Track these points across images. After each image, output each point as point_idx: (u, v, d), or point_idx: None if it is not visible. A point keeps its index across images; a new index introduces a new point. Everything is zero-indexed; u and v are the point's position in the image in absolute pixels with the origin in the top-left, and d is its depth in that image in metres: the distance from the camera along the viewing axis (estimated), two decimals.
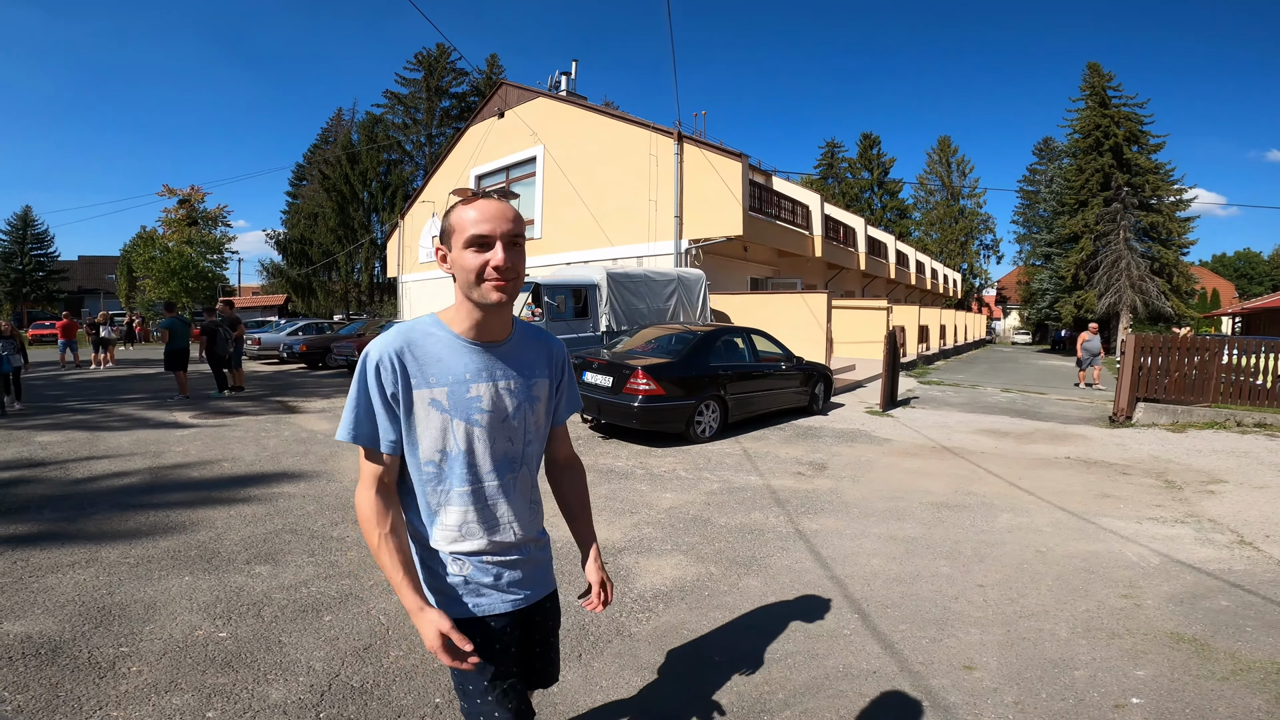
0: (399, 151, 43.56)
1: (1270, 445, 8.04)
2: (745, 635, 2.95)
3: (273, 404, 10.33)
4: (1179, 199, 32.30)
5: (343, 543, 4.03)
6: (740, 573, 3.68)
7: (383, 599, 3.20)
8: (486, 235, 1.28)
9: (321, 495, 5.11)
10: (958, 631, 3.00)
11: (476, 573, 1.39)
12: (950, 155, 57.18)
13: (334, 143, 46.98)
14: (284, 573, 3.52)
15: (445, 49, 44.33)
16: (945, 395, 12.95)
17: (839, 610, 3.22)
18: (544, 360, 1.49)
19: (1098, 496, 5.57)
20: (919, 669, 2.66)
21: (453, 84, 45.20)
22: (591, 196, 16.29)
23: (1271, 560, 4.02)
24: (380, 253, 39.84)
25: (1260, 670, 2.65)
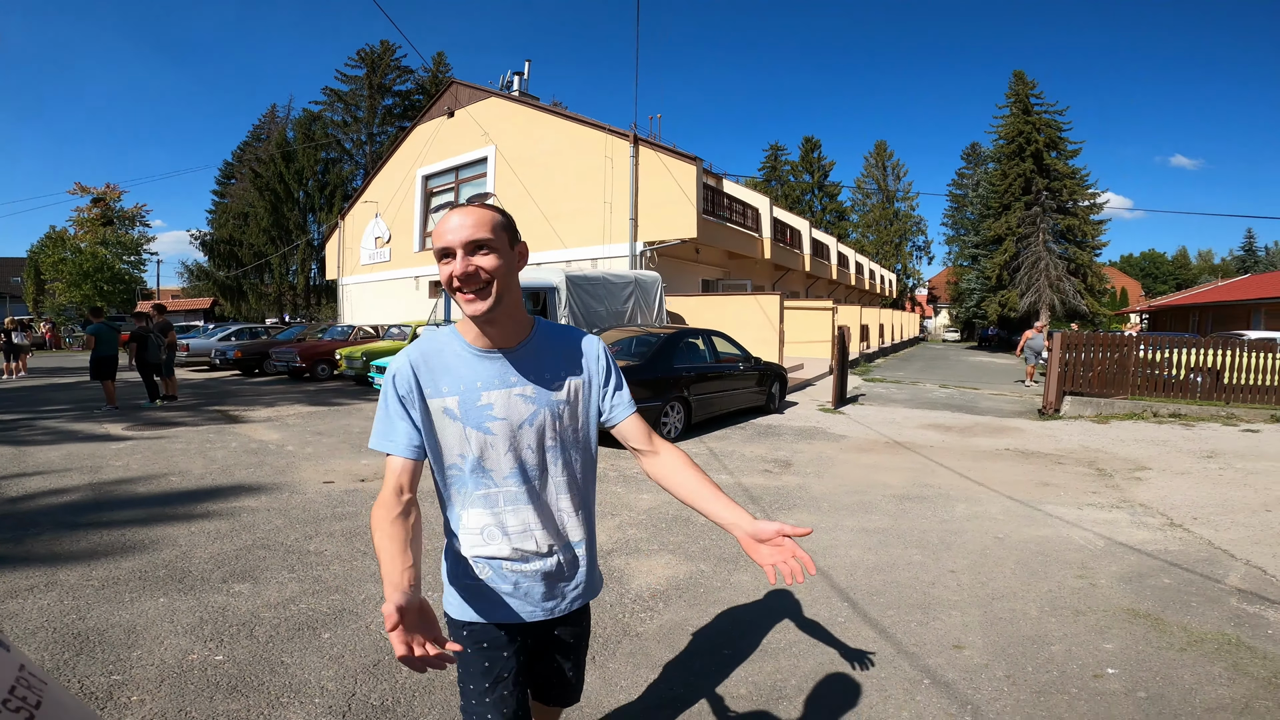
0: (338, 150, 42.05)
1: (1186, 434, 8.77)
2: (747, 628, 3.05)
3: (211, 414, 9.86)
4: (1092, 203, 34.55)
5: (322, 557, 3.93)
6: (730, 569, 3.79)
7: (379, 613, 3.15)
8: (446, 247, 1.28)
9: (287, 508, 4.94)
10: (941, 614, 3.19)
11: (495, 578, 1.39)
12: (886, 159, 59.45)
13: (267, 140, 44.90)
14: (267, 591, 3.41)
15: (389, 46, 43.07)
16: (890, 392, 13.52)
17: (829, 600, 3.36)
18: (572, 361, 1.45)
19: (1039, 485, 5.96)
20: (914, 650, 2.83)
21: (397, 81, 43.92)
22: (545, 198, 16.20)
23: (1202, 540, 4.41)
24: (318, 254, 38.39)
25: (1213, 641, 2.91)
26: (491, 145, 17.98)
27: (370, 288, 23.02)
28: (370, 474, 6.06)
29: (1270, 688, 2.48)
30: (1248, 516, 4.95)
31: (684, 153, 14.52)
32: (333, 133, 41.81)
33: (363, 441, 7.62)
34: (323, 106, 43.19)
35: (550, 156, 16.44)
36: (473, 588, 1.40)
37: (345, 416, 9.59)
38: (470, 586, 1.40)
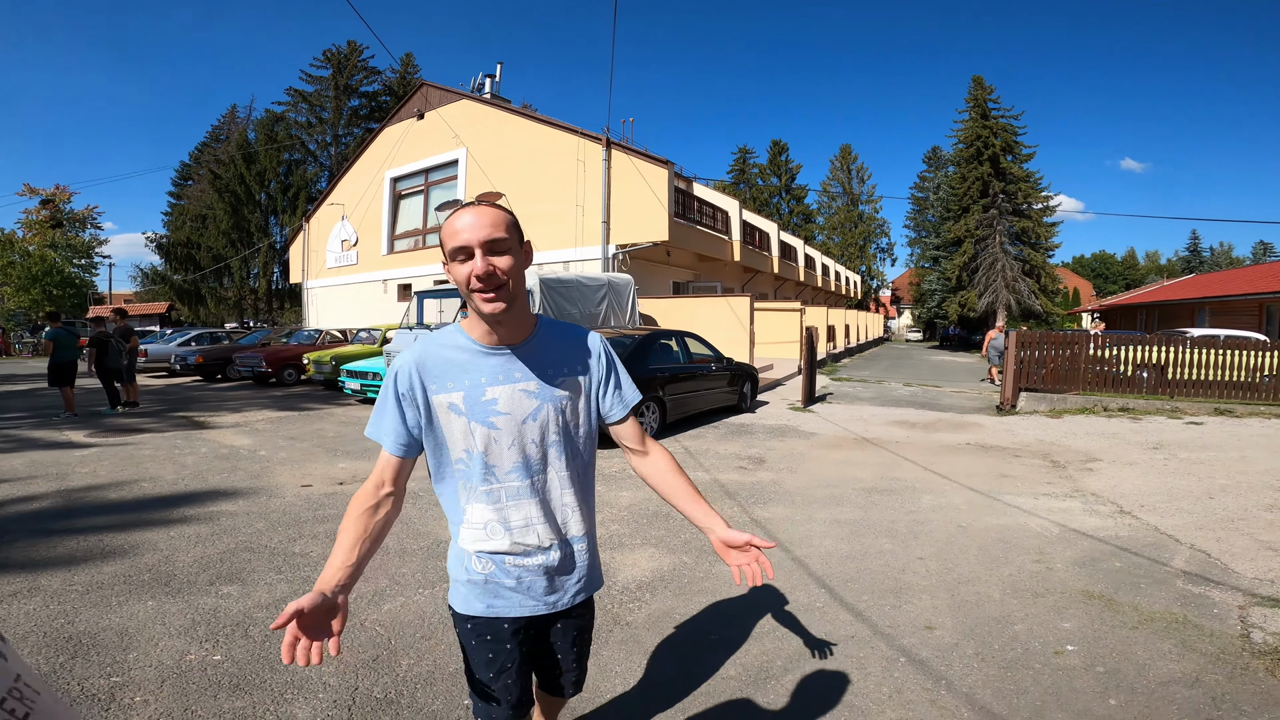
0: (302, 151, 41.30)
1: (1134, 427, 9.25)
2: (731, 615, 3.20)
3: (176, 420, 9.66)
4: (1046, 205, 35.86)
5: (308, 558, 3.96)
6: (711, 560, 3.93)
7: (372, 610, 3.21)
8: (464, 245, 1.29)
9: (268, 512, 4.94)
10: (912, 598, 3.39)
11: (498, 573, 1.41)
12: (851, 163, 60.62)
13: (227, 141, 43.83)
14: (256, 592, 3.44)
15: (356, 46, 42.51)
16: (856, 391, 13.89)
17: (807, 587, 3.53)
18: (574, 357, 1.47)
19: (998, 477, 6.26)
20: (889, 631, 3.01)
21: (364, 82, 43.41)
22: (517, 201, 16.20)
23: (1149, 527, 4.71)
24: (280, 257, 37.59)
25: (1162, 620, 3.14)
26: (463, 148, 17.90)
27: (337, 291, 22.67)
28: (348, 477, 6.06)
29: (1218, 662, 2.70)
30: (1191, 504, 5.30)
31: (656, 156, 14.69)
32: (297, 134, 41.05)
33: (339, 446, 7.59)
34: (286, 107, 42.40)
35: (522, 159, 16.45)
36: (477, 582, 1.42)
37: (317, 421, 9.50)
38: (474, 581, 1.43)
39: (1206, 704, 2.38)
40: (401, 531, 4.45)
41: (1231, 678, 2.57)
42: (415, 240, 20.11)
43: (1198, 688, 2.51)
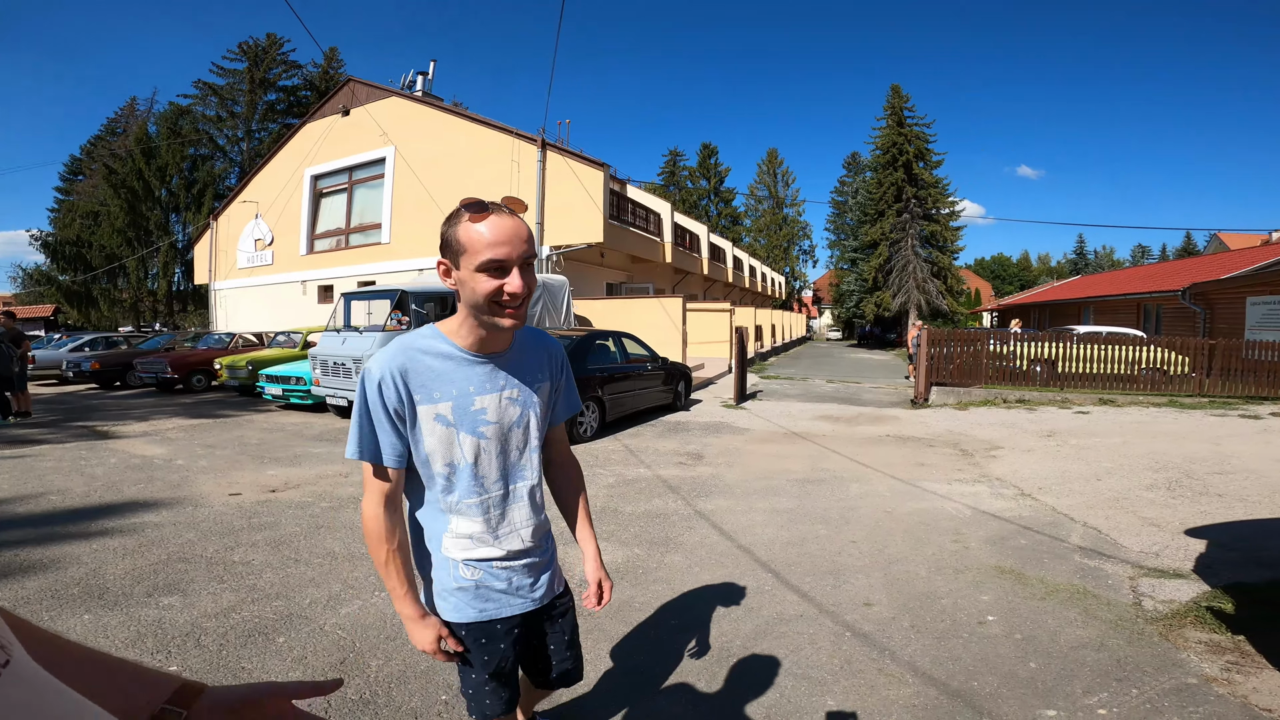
0: (210, 146, 38.86)
1: (1030, 417, 10.13)
2: (688, 602, 3.38)
3: (76, 429, 8.99)
4: (952, 210, 38.23)
5: (250, 567, 3.86)
6: (662, 552, 4.11)
7: (330, 614, 3.19)
8: (504, 260, 1.25)
9: (196, 522, 4.75)
10: (849, 578, 3.67)
11: (488, 578, 1.42)
12: (777, 166, 62.52)
13: (124, 134, 40.62)
14: (200, 602, 3.34)
15: (276, 39, 40.38)
16: (784, 388, 14.48)
17: (754, 572, 3.76)
18: (544, 363, 1.50)
19: (915, 465, 6.77)
20: (833, 609, 3.27)
21: (283, 76, 41.20)
22: (448, 201, 15.84)
23: (1047, 507, 5.23)
24: (183, 257, 35.27)
25: (1065, 591, 3.53)
26: (391, 146, 17.39)
27: (250, 293, 21.50)
28: (281, 484, 5.87)
29: (1117, 628, 3.06)
30: (1082, 485, 5.91)
31: (592, 158, 14.78)
32: (204, 128, 38.63)
33: (265, 453, 7.30)
34: (193, 100, 39.80)
35: (454, 159, 16.15)
36: (467, 589, 1.41)
37: (236, 428, 9.07)
38: (464, 588, 1.41)
39: (1113, 666, 2.71)
40: (347, 537, 4.40)
41: (1131, 642, 2.92)
42: (338, 240, 19.35)
43: (1103, 651, 2.84)
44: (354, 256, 18.53)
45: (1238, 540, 4.29)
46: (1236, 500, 5.30)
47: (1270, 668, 2.64)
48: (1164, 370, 12.30)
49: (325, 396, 9.73)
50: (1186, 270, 24.31)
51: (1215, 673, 2.63)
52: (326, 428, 9.10)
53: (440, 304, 10.44)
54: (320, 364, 9.80)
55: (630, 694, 2.54)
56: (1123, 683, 2.57)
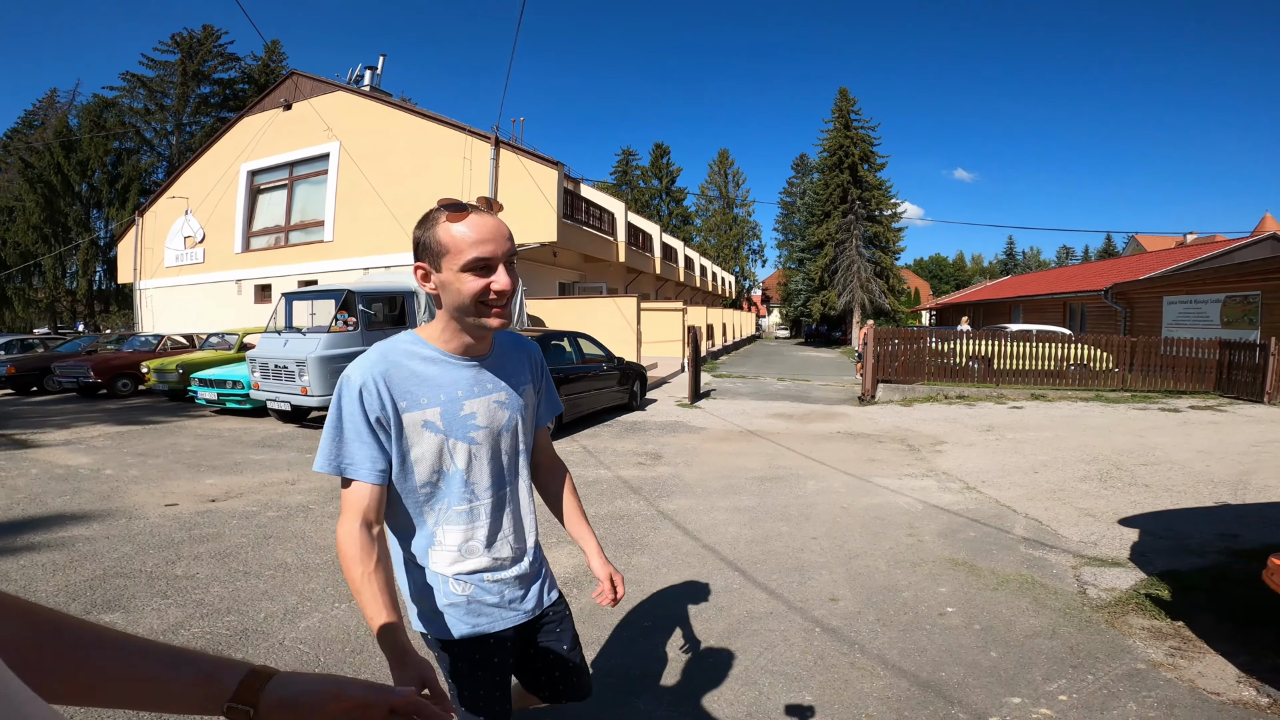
0: (136, 140, 36.89)
1: (970, 412, 10.57)
2: (659, 602, 3.39)
3: None
4: (894, 212, 39.56)
5: (196, 580, 3.67)
6: (629, 552, 4.11)
7: (288, 628, 3.06)
8: (488, 257, 1.22)
9: (132, 535, 4.48)
10: (814, 574, 3.75)
11: (479, 592, 1.36)
12: (728, 167, 63.37)
13: (42, 127, 38.09)
14: (145, 618, 3.16)
15: (213, 31, 38.65)
16: (737, 386, 14.69)
17: (721, 571, 3.80)
18: (526, 366, 1.48)
19: (867, 461, 6.97)
20: (801, 605, 3.33)
21: (219, 69, 39.45)
22: (396, 199, 15.47)
23: (991, 500, 5.46)
24: (105, 255, 33.29)
25: (1016, 581, 3.68)
26: (335, 141, 16.78)
27: (179, 292, 20.43)
28: (221, 494, 5.60)
29: (1066, 616, 3.21)
30: (1021, 478, 6.20)
31: (546, 157, 14.63)
32: (131, 121, 36.58)
33: (201, 461, 6.94)
34: (120, 93, 37.66)
35: (403, 156, 15.72)
36: (459, 605, 1.36)
37: (168, 435, 8.60)
38: (455, 604, 1.36)
39: (1067, 653, 2.84)
40: (299, 547, 4.23)
41: (1081, 629, 3.07)
42: (276, 238, 18.58)
43: (1056, 639, 2.97)
44: (294, 255, 17.84)
45: (1167, 529, 4.58)
46: (1163, 490, 5.66)
47: (1212, 652, 2.82)
48: (1090, 366, 13.04)
49: (266, 401, 9.31)
50: (1108, 271, 25.85)
51: (1161, 658, 2.79)
52: (269, 433, 8.73)
53: (389, 304, 10.15)
54: (260, 366, 9.38)
55: (610, 697, 2.53)
56: (1078, 669, 2.70)
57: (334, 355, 8.84)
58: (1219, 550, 4.10)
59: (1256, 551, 3.93)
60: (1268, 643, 2.86)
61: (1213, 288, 16.99)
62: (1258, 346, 11.87)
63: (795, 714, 2.39)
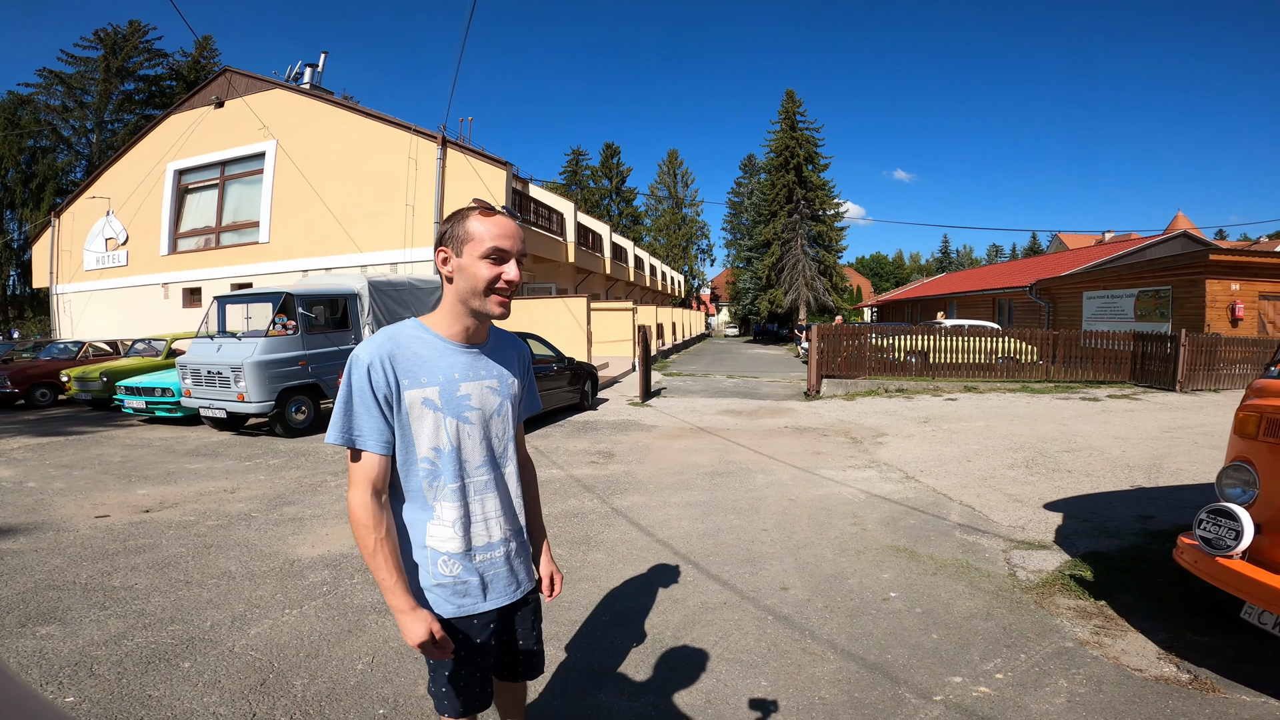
0: (53, 138, 34.85)
1: (908, 405, 11.01)
2: (616, 597, 3.44)
3: None
4: (837, 211, 40.69)
5: (134, 591, 3.54)
6: (584, 550, 4.16)
7: (237, 636, 2.99)
8: (507, 250, 1.39)
9: (62, 547, 4.29)
10: (765, 565, 3.88)
11: (464, 572, 1.44)
12: (677, 167, 63.72)
13: None
14: (84, 630, 3.05)
15: (140, 26, 36.70)
16: (687, 384, 14.88)
17: (676, 564, 3.89)
18: (516, 360, 1.60)
19: (813, 454, 7.20)
20: (753, 595, 3.44)
21: (144, 65, 37.48)
22: (338, 200, 15.01)
23: (928, 488, 5.74)
24: (19, 258, 31.26)
25: (953, 566, 3.89)
26: (272, 140, 16.15)
27: (100, 297, 19.30)
28: (155, 504, 5.36)
29: (999, 598, 3.41)
30: (956, 466, 6.53)
31: (494, 157, 14.46)
32: (48, 118, 34.51)
33: (132, 471, 6.62)
34: (36, 90, 35.43)
35: (345, 155, 15.26)
36: (446, 585, 1.44)
37: (94, 446, 8.16)
38: (442, 585, 1.44)
39: (1001, 634, 3.02)
40: (244, 555, 4.11)
41: (1013, 610, 3.27)
42: (207, 239, 17.77)
43: (991, 620, 3.16)
44: (226, 257, 17.11)
45: (1088, 512, 4.92)
46: (1084, 475, 6.06)
47: (1133, 630, 3.04)
48: (1017, 359, 13.78)
49: (199, 408, 8.92)
50: (1033, 268, 27.28)
51: (1087, 636, 3.00)
52: (204, 441, 8.37)
53: (330, 307, 9.86)
54: (191, 373, 8.98)
55: (573, 691, 2.57)
56: (1012, 649, 2.88)
57: (272, 360, 8.55)
58: (1136, 532, 4.42)
59: (1170, 532, 4.24)
60: (1184, 620, 3.09)
61: (1128, 283, 18.17)
62: (1169, 338, 12.78)
63: (752, 700, 2.49)
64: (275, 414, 8.51)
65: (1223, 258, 15.73)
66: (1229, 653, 2.78)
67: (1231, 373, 12.89)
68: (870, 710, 2.43)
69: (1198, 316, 15.21)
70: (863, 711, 2.42)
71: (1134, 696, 2.49)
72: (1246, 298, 15.31)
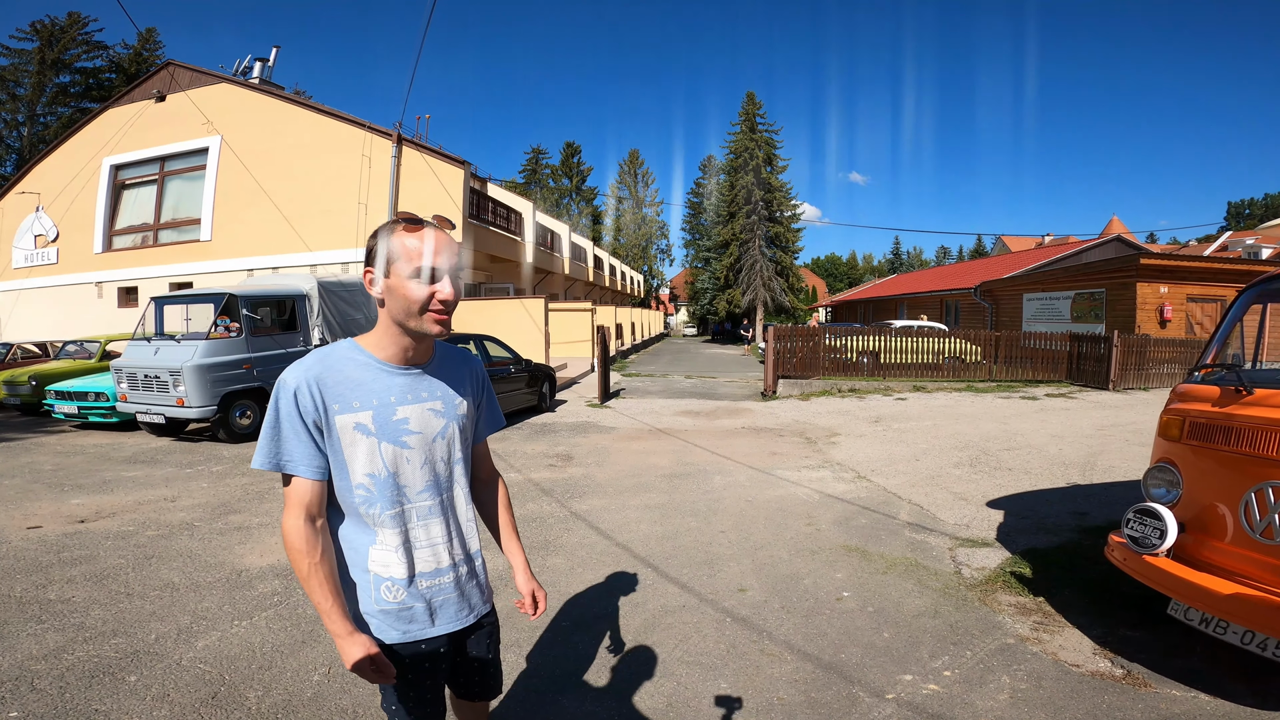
0: None
1: (860, 404, 11.31)
2: (577, 602, 3.46)
3: None
4: (794, 213, 41.34)
5: (72, 604, 3.40)
6: (543, 554, 4.16)
7: (184, 648, 2.90)
8: (439, 267, 1.30)
9: None
10: (722, 567, 3.94)
11: (409, 598, 1.39)
12: (638, 168, 63.64)
13: None
14: (20, 644, 2.93)
15: (79, 18, 35.32)
16: (645, 385, 14.94)
17: (635, 567, 3.92)
18: (466, 379, 1.52)
19: (769, 455, 7.33)
20: (712, 597, 3.50)
21: (81, 58, 35.98)
22: (286, 197, 14.53)
23: (879, 488, 5.91)
24: None
25: (902, 564, 4.01)
26: (216, 135, 15.55)
27: (29, 296, 18.27)
28: (91, 514, 5.12)
29: (945, 596, 3.53)
30: (906, 465, 6.75)
31: (451, 155, 14.24)
32: None
33: (65, 480, 6.30)
34: None
35: (294, 152, 14.80)
36: (390, 611, 1.39)
37: (24, 454, 7.73)
38: (386, 611, 1.39)
39: (948, 631, 3.14)
40: (188, 565, 3.97)
41: (959, 607, 3.40)
42: (144, 236, 17.00)
43: (939, 618, 3.28)
44: (165, 255, 16.42)
45: (1027, 509, 5.15)
46: (1023, 473, 6.34)
47: (1070, 626, 3.19)
48: (962, 359, 14.30)
49: (135, 414, 8.53)
50: (978, 270, 28.32)
51: (1027, 632, 3.14)
52: (141, 448, 8.02)
53: (277, 308, 9.55)
54: (127, 377, 8.58)
55: (535, 697, 2.58)
56: (958, 646, 3.00)
57: (214, 364, 8.23)
58: (1072, 528, 4.64)
59: (1103, 529, 4.46)
60: (1117, 615, 3.25)
61: (1064, 285, 19.05)
62: (1102, 339, 13.46)
63: (713, 702, 2.54)
64: (219, 419, 8.21)
65: (1153, 262, 16.64)
66: (1159, 648, 2.94)
67: (1160, 372, 13.66)
68: (826, 709, 2.50)
69: (1129, 318, 16.06)
70: (819, 711, 2.49)
71: (1072, 692, 2.62)
72: (1175, 300, 16.23)
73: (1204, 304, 16.55)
